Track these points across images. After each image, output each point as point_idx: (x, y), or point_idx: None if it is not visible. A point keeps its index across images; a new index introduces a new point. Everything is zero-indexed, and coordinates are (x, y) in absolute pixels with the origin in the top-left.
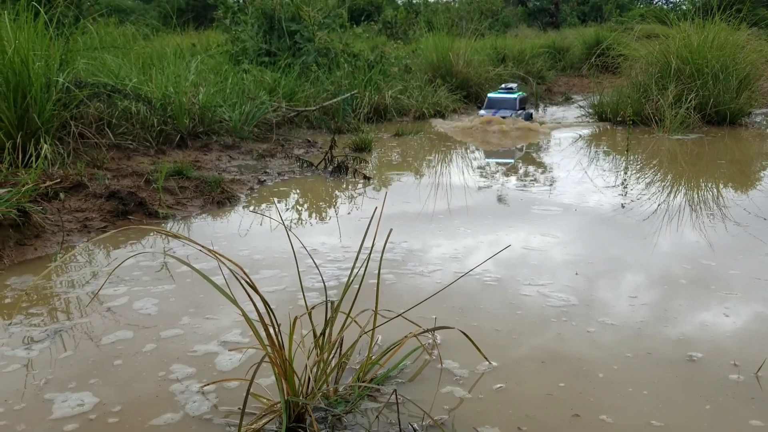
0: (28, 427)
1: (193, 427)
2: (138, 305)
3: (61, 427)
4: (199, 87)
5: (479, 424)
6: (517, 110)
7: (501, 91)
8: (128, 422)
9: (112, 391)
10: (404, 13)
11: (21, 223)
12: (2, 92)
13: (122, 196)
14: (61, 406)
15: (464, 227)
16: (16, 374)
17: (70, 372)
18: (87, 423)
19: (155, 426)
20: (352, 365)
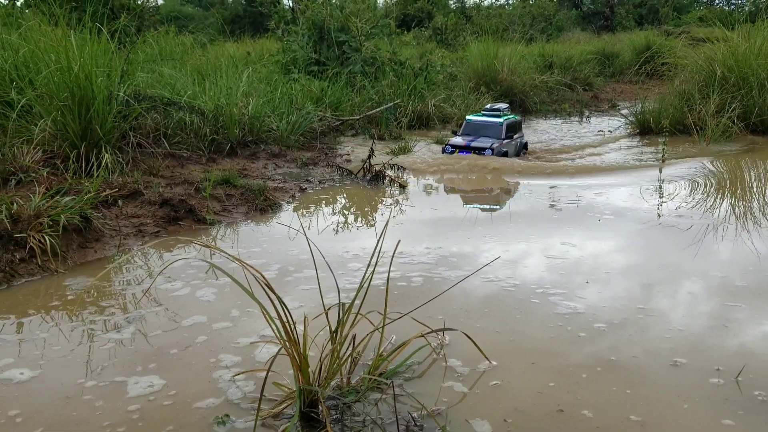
0: (107, 403)
1: (227, 410)
2: (190, 302)
3: (126, 407)
4: (250, 97)
5: (471, 416)
6: (502, 138)
7: (485, 112)
8: (179, 403)
9: (170, 375)
10: (454, 19)
11: (83, 227)
12: (68, 106)
13: (174, 204)
14: (134, 387)
15: (490, 235)
16: (95, 356)
17: (135, 357)
18: (147, 403)
19: (198, 408)
20: (366, 361)
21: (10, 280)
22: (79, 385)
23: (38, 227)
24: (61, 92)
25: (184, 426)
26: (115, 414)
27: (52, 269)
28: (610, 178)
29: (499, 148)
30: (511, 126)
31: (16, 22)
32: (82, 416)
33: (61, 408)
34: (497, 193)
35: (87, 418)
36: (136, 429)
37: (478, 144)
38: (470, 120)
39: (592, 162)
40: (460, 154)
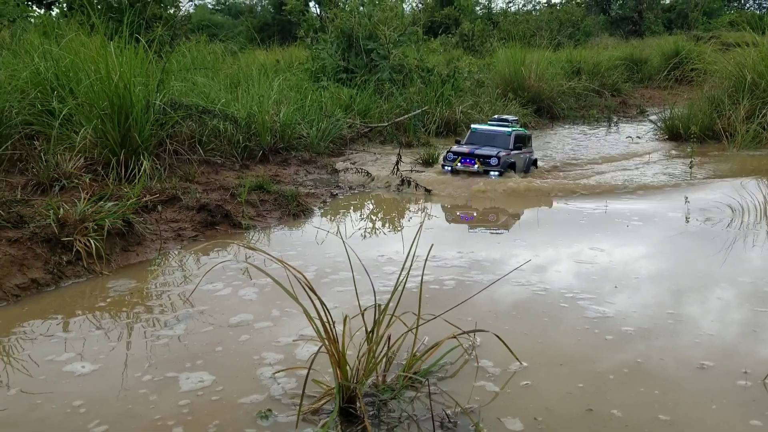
0: (160, 397)
1: (269, 406)
2: (233, 302)
3: (177, 402)
4: (281, 105)
5: (503, 415)
6: (510, 149)
7: (492, 123)
8: (225, 398)
9: (217, 372)
10: (481, 25)
11: (126, 232)
12: (108, 114)
13: (211, 209)
14: (185, 382)
15: (520, 239)
16: (148, 352)
17: (185, 354)
18: (196, 398)
19: (243, 403)
20: (400, 361)
21: (57, 281)
22: (135, 379)
23: (84, 231)
24: (101, 101)
25: (230, 421)
26: (166, 408)
27: (97, 271)
28: (633, 202)
29: (506, 157)
30: (520, 138)
31: (53, 32)
32: (137, 409)
33: (119, 401)
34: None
35: (141, 411)
36: (185, 423)
37: (483, 151)
38: (476, 129)
39: (614, 178)
40: (462, 163)
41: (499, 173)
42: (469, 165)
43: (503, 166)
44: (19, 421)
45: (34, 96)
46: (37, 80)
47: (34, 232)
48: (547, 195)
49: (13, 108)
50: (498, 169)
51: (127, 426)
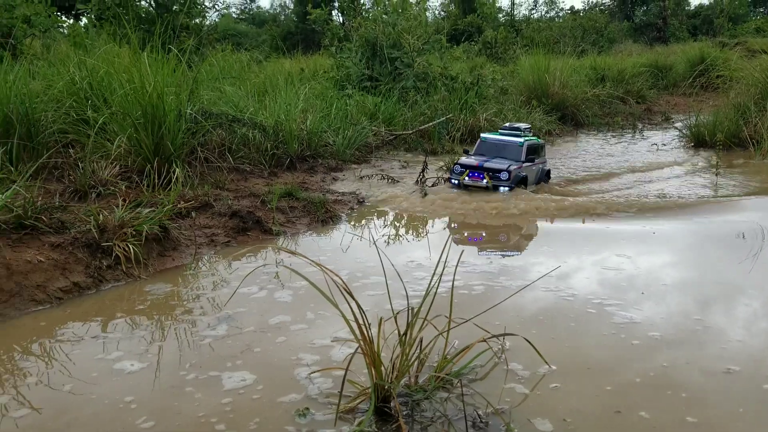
0: (204, 395)
1: (307, 404)
2: (268, 305)
3: (220, 400)
4: (307, 113)
5: (533, 416)
6: (521, 161)
7: (503, 131)
8: (267, 398)
9: (257, 372)
10: (504, 33)
11: (162, 237)
12: (142, 123)
13: (242, 216)
14: (228, 381)
15: (547, 246)
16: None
17: (226, 354)
18: (238, 396)
19: (282, 402)
20: (431, 363)
21: (98, 285)
22: (180, 377)
23: (122, 237)
24: (135, 110)
25: (270, 418)
26: (210, 406)
27: (136, 275)
28: (655, 222)
29: (517, 171)
30: (532, 148)
31: (83, 42)
32: (183, 406)
33: (166, 397)
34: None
35: (186, 408)
36: (227, 420)
37: (493, 165)
38: (486, 138)
39: (635, 194)
40: (470, 178)
41: (509, 188)
42: (478, 179)
43: (514, 181)
44: (76, 415)
45: (68, 105)
46: (72, 90)
47: (76, 237)
48: (561, 214)
49: (50, 117)
50: (508, 184)
51: (173, 422)
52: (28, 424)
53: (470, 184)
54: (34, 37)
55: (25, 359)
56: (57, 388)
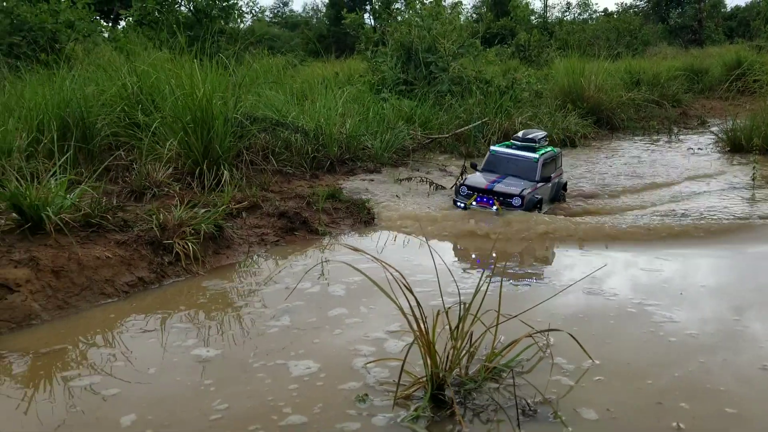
0: (273, 381)
1: (366, 392)
2: (324, 299)
3: (287, 386)
4: (346, 117)
5: (578, 405)
6: (536, 181)
7: (516, 143)
8: (329, 385)
9: (319, 361)
10: (538, 36)
11: (217, 236)
12: (192, 128)
13: (290, 216)
14: (294, 369)
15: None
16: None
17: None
18: (303, 383)
19: (342, 389)
20: (480, 357)
21: (161, 280)
22: (250, 364)
23: (182, 235)
24: (185, 115)
25: (332, 403)
26: (278, 390)
27: (194, 272)
28: (686, 249)
29: (532, 195)
30: (548, 163)
31: (125, 46)
32: (254, 390)
33: (240, 382)
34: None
35: (258, 392)
36: (294, 404)
37: (504, 188)
38: (495, 152)
39: (665, 212)
40: (478, 202)
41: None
42: (487, 205)
43: (528, 206)
44: (161, 395)
45: (119, 109)
46: (123, 95)
47: (139, 235)
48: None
49: (103, 121)
50: (521, 210)
51: (245, 404)
52: (120, 400)
53: (478, 209)
54: (76, 41)
55: (107, 346)
56: (142, 371)
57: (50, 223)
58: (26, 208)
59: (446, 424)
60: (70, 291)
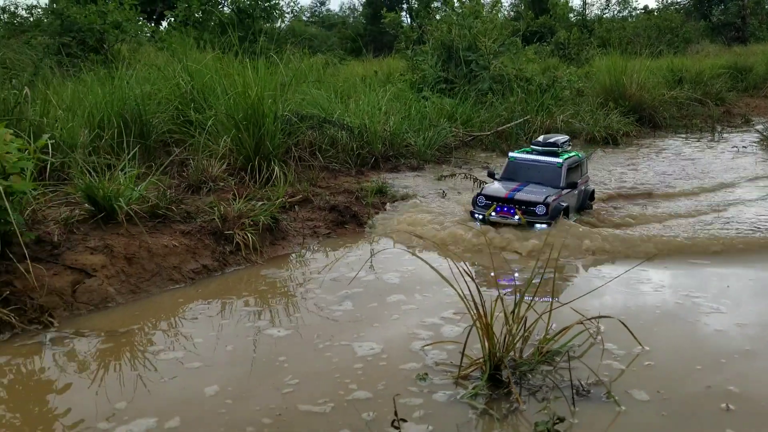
0: (340, 360)
1: (425, 371)
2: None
3: (353, 365)
4: (389, 115)
5: (630, 388)
6: (561, 187)
7: (536, 148)
8: (391, 365)
9: (380, 343)
10: (578, 34)
11: (273, 228)
12: (244, 125)
13: (340, 210)
14: (359, 349)
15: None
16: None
17: (352, 327)
18: (367, 363)
19: (403, 369)
20: (533, 343)
21: (223, 268)
22: (318, 344)
23: (241, 226)
24: (237, 113)
25: (394, 381)
26: (345, 369)
27: (253, 261)
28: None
29: (557, 203)
30: (573, 168)
31: (171, 47)
32: (322, 368)
33: (309, 360)
34: None
35: (326, 369)
36: (359, 381)
37: (526, 196)
38: (515, 158)
39: (709, 220)
40: (498, 212)
41: (547, 225)
42: (508, 215)
43: (553, 216)
44: (239, 369)
45: (173, 108)
46: (177, 94)
47: (202, 225)
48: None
49: (159, 119)
50: (546, 220)
51: (314, 381)
52: (203, 373)
53: (498, 221)
54: (123, 42)
55: (183, 326)
56: (221, 348)
57: (122, 213)
58: (100, 199)
59: (503, 401)
60: (142, 276)
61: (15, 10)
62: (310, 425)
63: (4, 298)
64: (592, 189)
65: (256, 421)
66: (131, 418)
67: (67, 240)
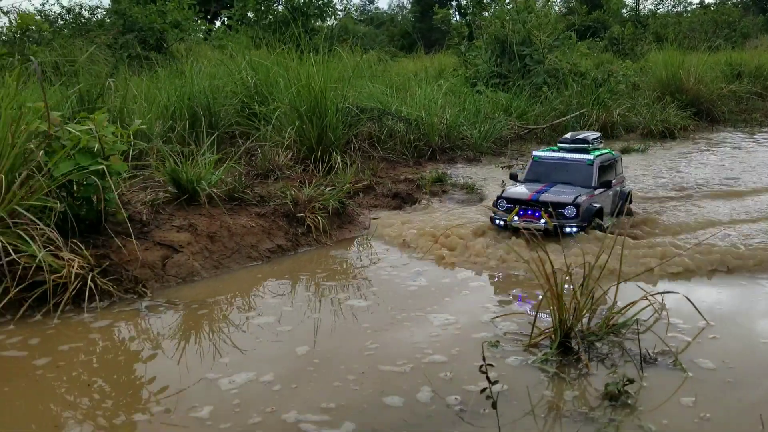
0: (417, 328)
1: (495, 340)
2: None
3: (429, 333)
4: (446, 108)
5: (695, 357)
6: (593, 187)
7: (563, 146)
8: (464, 334)
9: (454, 314)
10: (632, 29)
11: (340, 212)
12: (308, 116)
13: (402, 197)
14: (435, 319)
15: None
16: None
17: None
18: (442, 331)
19: (475, 337)
20: (599, 316)
21: (295, 248)
22: (395, 315)
23: (312, 210)
24: (302, 104)
25: (468, 347)
26: (422, 336)
27: (322, 242)
28: None
29: (589, 204)
30: (606, 166)
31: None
32: (401, 335)
33: (388, 328)
34: None
35: (404, 336)
36: (435, 347)
37: (553, 197)
38: (539, 158)
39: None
40: (521, 216)
41: (579, 229)
42: (533, 219)
43: (585, 218)
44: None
45: (238, 101)
46: (242, 88)
47: (275, 208)
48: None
49: (226, 110)
50: (577, 223)
51: (393, 345)
52: (294, 336)
53: (522, 227)
54: (181, 41)
55: (268, 297)
56: (308, 315)
57: (203, 195)
58: (183, 182)
59: (572, 367)
60: (223, 253)
61: (79, 11)
62: (391, 382)
63: (103, 269)
64: (629, 190)
65: (342, 377)
66: (234, 371)
67: (154, 219)
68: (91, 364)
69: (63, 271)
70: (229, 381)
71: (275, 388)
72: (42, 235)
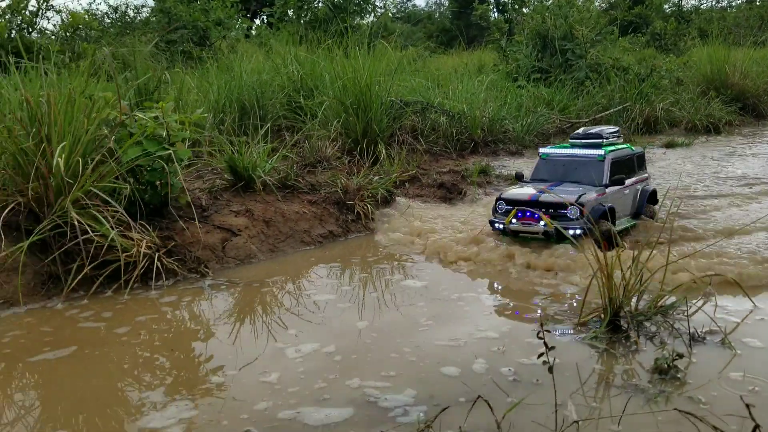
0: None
1: (547, 319)
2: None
3: (482, 311)
4: (488, 102)
5: (743, 337)
6: (604, 184)
7: (575, 141)
8: (513, 314)
9: (504, 297)
10: (674, 24)
11: (388, 200)
12: (354, 109)
13: (448, 187)
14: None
15: None
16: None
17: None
18: (493, 310)
19: (528, 318)
20: (646, 299)
21: (345, 234)
22: (448, 295)
23: (361, 198)
24: (347, 98)
25: (520, 326)
26: (474, 314)
27: (371, 229)
28: None
29: (596, 203)
30: (621, 162)
31: (268, 42)
32: (453, 313)
33: (442, 307)
34: None
35: (456, 314)
36: (488, 325)
37: (553, 197)
38: (547, 155)
39: None
40: (519, 219)
41: (582, 231)
42: (531, 221)
43: (594, 215)
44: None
45: (284, 95)
46: (289, 82)
47: (326, 196)
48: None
49: (273, 104)
50: (580, 225)
51: (447, 323)
52: (354, 311)
53: (520, 230)
54: (224, 38)
55: (325, 278)
56: (366, 293)
57: (258, 182)
58: (240, 170)
59: (621, 344)
60: (278, 238)
61: (125, 9)
62: (446, 354)
63: (168, 250)
64: (652, 189)
65: (399, 350)
66: (300, 342)
67: (212, 204)
68: (169, 333)
69: (132, 250)
70: (295, 350)
71: (336, 358)
72: (113, 216)
